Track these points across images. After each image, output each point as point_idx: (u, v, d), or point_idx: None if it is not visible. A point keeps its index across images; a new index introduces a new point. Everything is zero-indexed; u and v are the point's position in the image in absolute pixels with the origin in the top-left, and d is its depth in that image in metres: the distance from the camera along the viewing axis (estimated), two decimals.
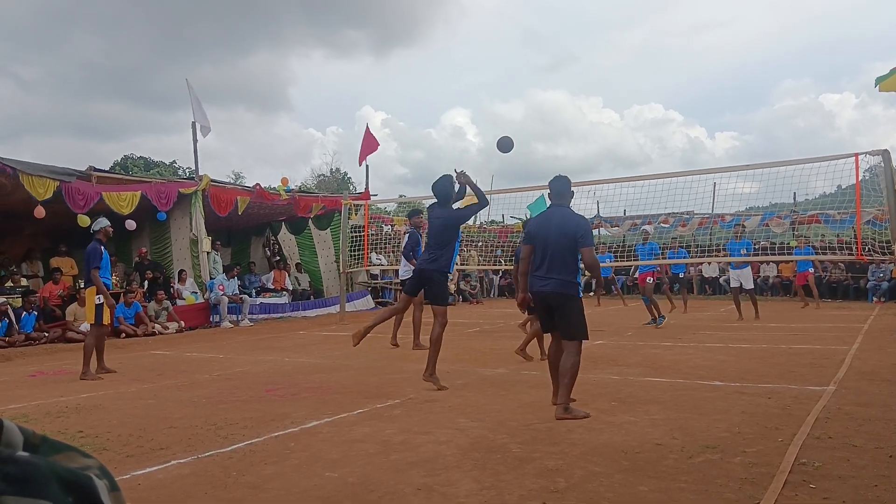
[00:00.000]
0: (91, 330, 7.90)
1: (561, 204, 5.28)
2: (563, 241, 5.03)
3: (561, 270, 5.03)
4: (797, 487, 3.26)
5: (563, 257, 5.04)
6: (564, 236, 5.03)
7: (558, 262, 5.03)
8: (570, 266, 5.05)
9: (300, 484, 3.57)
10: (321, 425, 4.90)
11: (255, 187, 15.21)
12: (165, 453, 4.24)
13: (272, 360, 8.76)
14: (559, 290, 5.03)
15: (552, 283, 5.04)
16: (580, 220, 5.16)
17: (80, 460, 0.55)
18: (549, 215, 5.26)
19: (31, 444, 0.53)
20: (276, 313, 15.21)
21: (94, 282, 7.76)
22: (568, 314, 5.04)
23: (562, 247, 5.04)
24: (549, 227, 5.12)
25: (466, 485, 3.47)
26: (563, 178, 5.35)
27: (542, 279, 5.11)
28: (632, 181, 12.60)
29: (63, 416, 5.50)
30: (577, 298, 5.12)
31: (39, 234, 14.29)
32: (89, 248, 7.82)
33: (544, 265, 5.09)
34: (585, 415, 4.87)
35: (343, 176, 44.96)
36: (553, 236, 5.06)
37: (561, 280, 5.03)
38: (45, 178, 10.91)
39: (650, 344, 9.17)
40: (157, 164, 42.50)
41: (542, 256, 5.11)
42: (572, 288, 5.08)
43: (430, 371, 6.25)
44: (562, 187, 5.31)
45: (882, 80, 10.07)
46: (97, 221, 7.99)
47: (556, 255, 5.04)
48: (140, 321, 11.96)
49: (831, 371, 6.54)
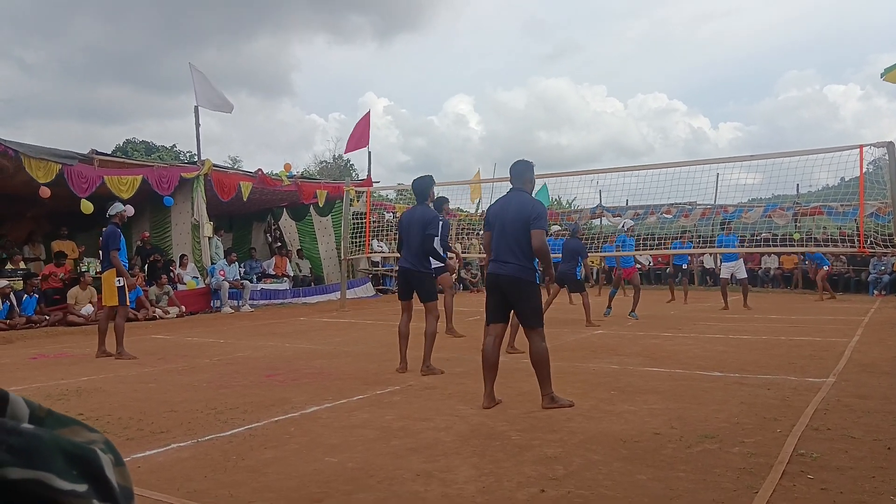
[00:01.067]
0: (119, 311, 7.97)
1: (521, 189, 5.17)
2: (518, 225, 4.94)
3: (518, 255, 4.93)
4: (795, 478, 3.27)
5: (518, 242, 4.94)
6: (521, 220, 4.94)
7: (515, 247, 4.94)
8: (526, 251, 4.94)
9: (300, 468, 3.58)
10: (321, 411, 4.91)
11: (258, 172, 15.17)
12: (166, 437, 4.26)
13: (273, 345, 8.78)
14: (516, 274, 4.93)
15: (510, 267, 4.96)
16: (536, 203, 5.05)
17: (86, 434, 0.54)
18: (507, 200, 5.13)
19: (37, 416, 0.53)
20: (277, 299, 15.24)
21: (114, 264, 7.84)
22: (525, 300, 4.94)
23: (516, 231, 4.94)
24: (507, 211, 5.03)
25: (465, 471, 3.48)
26: (525, 161, 5.25)
27: (497, 263, 5.03)
28: (635, 171, 12.55)
29: (64, 398, 5.52)
30: (535, 284, 5.02)
31: (41, 217, 14.28)
32: (109, 231, 7.92)
33: (500, 249, 5.01)
34: (570, 403, 4.89)
35: (345, 162, 44.86)
36: (510, 220, 4.98)
37: (519, 265, 4.93)
38: (47, 160, 10.89)
39: (650, 334, 9.18)
40: (158, 149, 42.43)
41: (499, 241, 5.03)
42: (530, 273, 4.97)
43: (426, 363, 6.36)
44: (522, 172, 5.21)
45: (889, 71, 10.01)
46: (114, 206, 8.09)
47: (511, 240, 4.96)
48: (141, 305, 11.98)
49: (831, 363, 6.54)
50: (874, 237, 10.24)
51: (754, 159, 11.37)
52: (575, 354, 7.40)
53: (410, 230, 6.57)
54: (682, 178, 11.70)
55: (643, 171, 12.22)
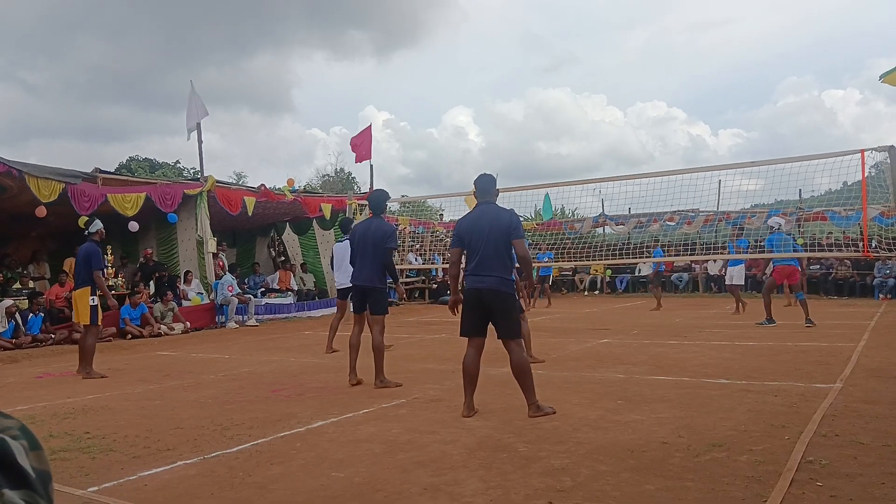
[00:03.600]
0: (91, 330, 7.92)
1: (488, 201, 5.21)
2: (496, 237, 4.97)
3: (497, 268, 4.96)
4: (804, 485, 3.25)
5: (497, 254, 4.97)
6: (498, 231, 4.97)
7: (494, 260, 4.96)
8: (505, 263, 5.00)
9: (306, 484, 3.57)
10: (327, 425, 4.91)
11: (261, 188, 15.23)
12: (172, 454, 4.25)
13: (278, 360, 8.78)
14: (497, 287, 4.96)
15: (490, 280, 4.96)
16: (510, 213, 5.13)
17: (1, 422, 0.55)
18: (478, 214, 5.15)
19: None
20: (282, 313, 15.24)
21: (98, 284, 7.78)
22: (506, 313, 4.98)
23: (496, 243, 4.97)
24: (482, 224, 5.03)
25: (473, 484, 3.46)
26: (488, 175, 5.30)
27: (476, 276, 5.02)
28: (636, 179, 12.56)
29: (70, 417, 5.52)
30: (513, 296, 5.11)
31: (46, 237, 14.35)
32: (90, 250, 7.81)
33: (480, 263, 5.01)
34: (552, 410, 4.93)
35: (347, 176, 44.99)
36: (486, 234, 4.98)
37: (499, 277, 4.96)
38: (51, 179, 10.95)
39: (656, 342, 9.15)
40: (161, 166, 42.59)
41: (476, 255, 5.03)
42: (509, 285, 5.03)
43: (380, 377, 6.40)
44: (487, 185, 5.26)
45: (888, 74, 10.02)
46: (94, 223, 8.01)
47: (491, 253, 4.97)
48: (146, 322, 12.00)
49: (838, 368, 6.51)
50: (879, 241, 10.23)
51: (756, 165, 11.36)
52: (581, 364, 7.38)
53: (366, 243, 6.48)
54: (684, 186, 11.70)
55: (645, 179, 12.24)
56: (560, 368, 7.12)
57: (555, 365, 7.29)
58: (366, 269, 6.49)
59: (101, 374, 7.73)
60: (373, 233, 6.48)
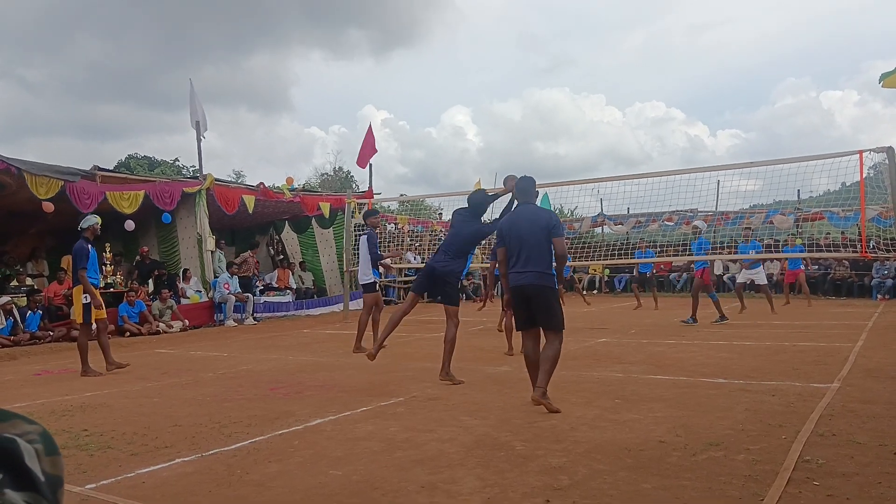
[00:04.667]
0: (82, 329, 7.90)
1: (527, 202, 5.50)
2: (536, 234, 5.20)
3: (538, 262, 5.18)
4: (801, 485, 3.25)
5: (538, 250, 5.19)
6: (538, 228, 5.21)
7: (534, 255, 5.19)
8: (545, 258, 5.20)
9: (304, 482, 3.58)
10: (325, 423, 4.91)
11: (260, 186, 15.23)
12: (170, 451, 4.25)
13: (276, 358, 8.78)
14: (537, 281, 5.17)
15: (529, 275, 5.18)
16: (550, 213, 5.42)
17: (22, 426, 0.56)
18: (518, 214, 5.46)
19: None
20: (280, 312, 15.25)
21: (81, 281, 7.72)
22: (547, 305, 5.19)
23: (536, 239, 5.20)
24: (521, 223, 5.30)
25: (470, 482, 3.47)
26: (529, 178, 5.57)
27: (519, 273, 5.25)
28: (636, 179, 12.57)
29: (68, 414, 5.52)
30: (555, 290, 5.28)
31: (45, 234, 14.34)
32: (77, 247, 7.75)
33: (521, 260, 5.24)
34: (557, 409, 4.95)
35: (346, 175, 44.98)
36: (526, 231, 5.24)
37: (538, 272, 5.17)
38: (50, 177, 10.94)
39: (654, 341, 9.16)
40: (160, 164, 42.57)
41: (518, 252, 5.26)
42: (550, 279, 5.21)
43: (445, 370, 6.43)
44: (528, 186, 5.53)
45: (886, 77, 10.04)
46: (85, 219, 7.92)
47: (531, 249, 5.20)
48: (144, 320, 12.00)
49: (835, 368, 6.52)
50: (877, 241, 10.24)
51: (755, 166, 11.38)
52: (579, 363, 7.38)
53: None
54: (683, 186, 11.73)
55: (644, 179, 12.26)
56: (558, 367, 7.09)
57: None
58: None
59: (98, 372, 7.73)
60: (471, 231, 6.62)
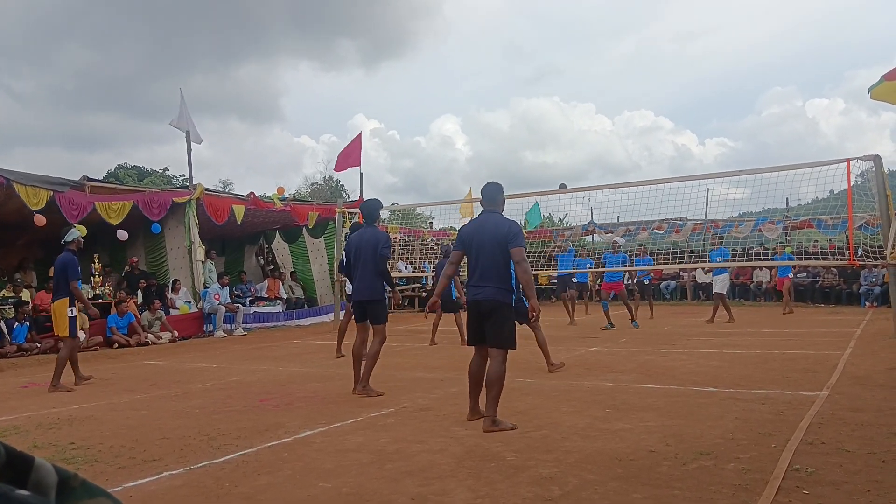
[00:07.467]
0: (67, 342, 7.73)
1: (493, 210, 5.21)
2: (495, 247, 4.95)
3: (494, 278, 4.94)
4: (791, 493, 3.26)
5: (496, 264, 4.94)
6: (497, 242, 4.94)
7: (492, 270, 4.95)
8: (503, 273, 4.96)
9: (294, 494, 3.55)
10: (315, 435, 4.88)
11: (250, 195, 15.18)
12: (158, 464, 4.21)
13: (266, 369, 8.73)
14: (493, 297, 4.93)
15: (486, 290, 4.95)
16: (511, 223, 5.05)
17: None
18: (481, 222, 5.15)
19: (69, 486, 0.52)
20: (270, 322, 15.16)
21: (76, 294, 7.59)
22: (500, 322, 4.92)
23: (494, 253, 4.95)
24: (483, 233, 5.03)
25: (461, 493, 3.45)
26: (495, 184, 5.28)
27: (475, 287, 5.03)
28: (625, 187, 12.62)
29: (55, 427, 5.46)
30: (510, 307, 5.01)
31: (33, 244, 14.22)
32: (66, 260, 7.58)
33: (477, 273, 5.02)
34: (513, 427, 4.82)
35: (336, 184, 44.94)
36: (486, 244, 4.98)
37: (495, 288, 4.94)
38: (39, 187, 10.87)
39: (644, 350, 9.18)
40: (150, 173, 42.42)
41: (476, 264, 5.05)
42: (506, 296, 4.97)
43: (363, 383, 6.40)
44: (494, 193, 5.25)
45: (874, 87, 10.16)
46: (70, 232, 7.77)
47: (488, 263, 4.96)
48: (133, 331, 11.90)
49: (825, 376, 6.55)
50: (865, 249, 10.32)
51: (744, 174, 11.46)
52: (569, 372, 7.38)
53: (360, 253, 6.48)
54: (673, 194, 11.80)
55: (633, 188, 12.31)
56: (549, 376, 7.12)
57: (544, 373, 7.29)
58: (365, 282, 6.48)
59: (68, 388, 7.51)
60: (367, 242, 6.49)
